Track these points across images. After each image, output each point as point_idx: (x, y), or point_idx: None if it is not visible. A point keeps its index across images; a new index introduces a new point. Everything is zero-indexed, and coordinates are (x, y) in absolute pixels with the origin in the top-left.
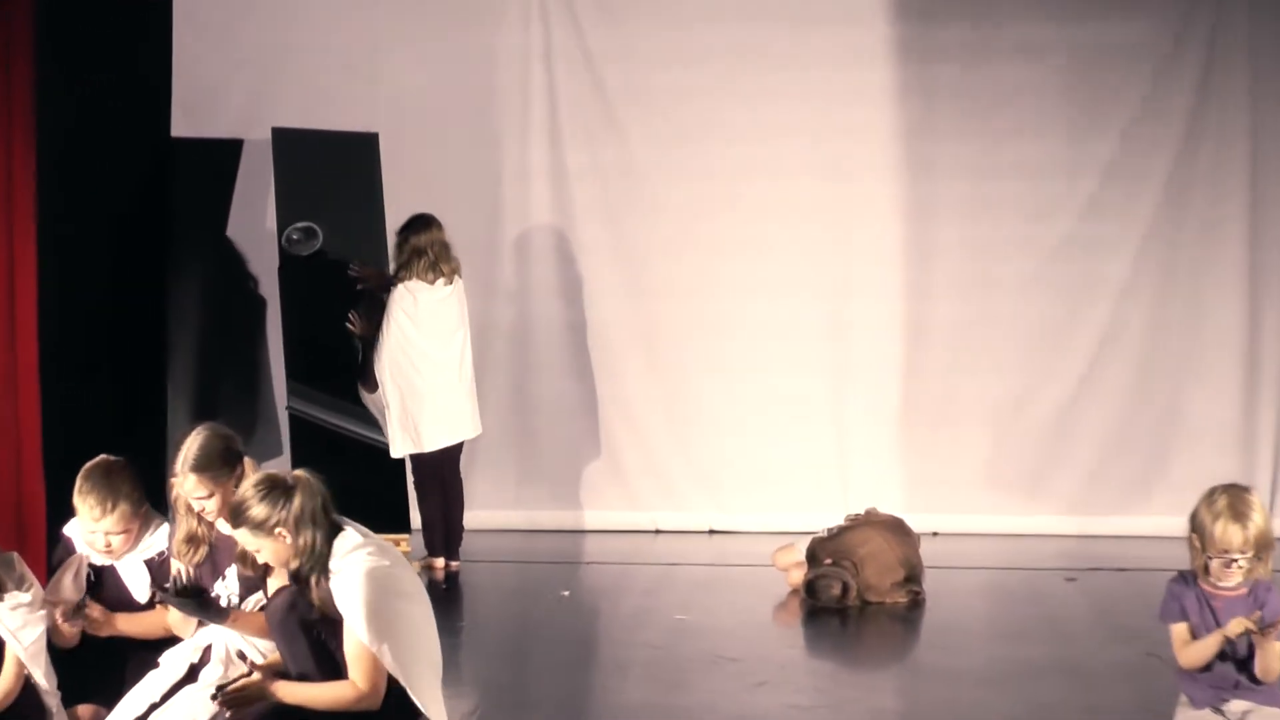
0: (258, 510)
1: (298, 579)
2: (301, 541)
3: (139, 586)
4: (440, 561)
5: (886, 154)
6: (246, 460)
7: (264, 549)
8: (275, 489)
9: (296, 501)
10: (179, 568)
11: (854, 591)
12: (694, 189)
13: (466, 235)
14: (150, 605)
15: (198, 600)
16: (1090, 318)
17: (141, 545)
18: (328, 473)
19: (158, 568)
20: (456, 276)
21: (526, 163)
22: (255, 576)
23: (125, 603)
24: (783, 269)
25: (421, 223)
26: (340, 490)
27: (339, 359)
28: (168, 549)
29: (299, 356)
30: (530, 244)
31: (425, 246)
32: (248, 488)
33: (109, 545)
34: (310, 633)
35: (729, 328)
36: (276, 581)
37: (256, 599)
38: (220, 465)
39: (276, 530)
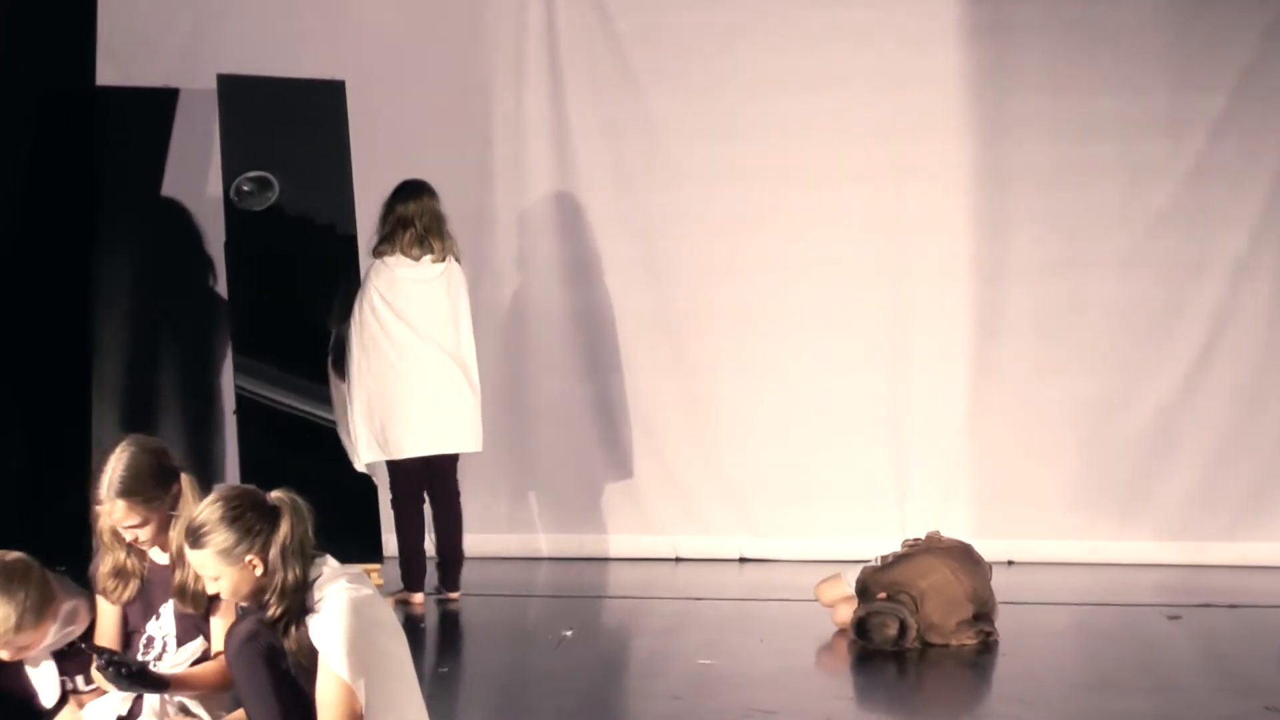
0: (227, 533)
1: (273, 623)
2: (286, 577)
3: (47, 687)
4: (419, 596)
5: (952, 108)
6: (184, 477)
7: (224, 579)
8: (254, 509)
9: (283, 528)
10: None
11: (913, 632)
12: (721, 150)
13: (450, 204)
14: (60, 705)
15: (129, 677)
16: (1198, 303)
17: (51, 636)
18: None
19: (68, 658)
20: (451, 257)
21: (522, 118)
22: (197, 615)
23: (27, 703)
24: (828, 246)
25: (411, 189)
26: None
27: (296, 331)
28: (79, 637)
29: (249, 328)
30: (526, 215)
31: (413, 217)
32: (215, 504)
33: (17, 655)
34: (275, 666)
35: (764, 316)
36: (220, 622)
37: (195, 646)
38: (152, 486)
39: (248, 559)
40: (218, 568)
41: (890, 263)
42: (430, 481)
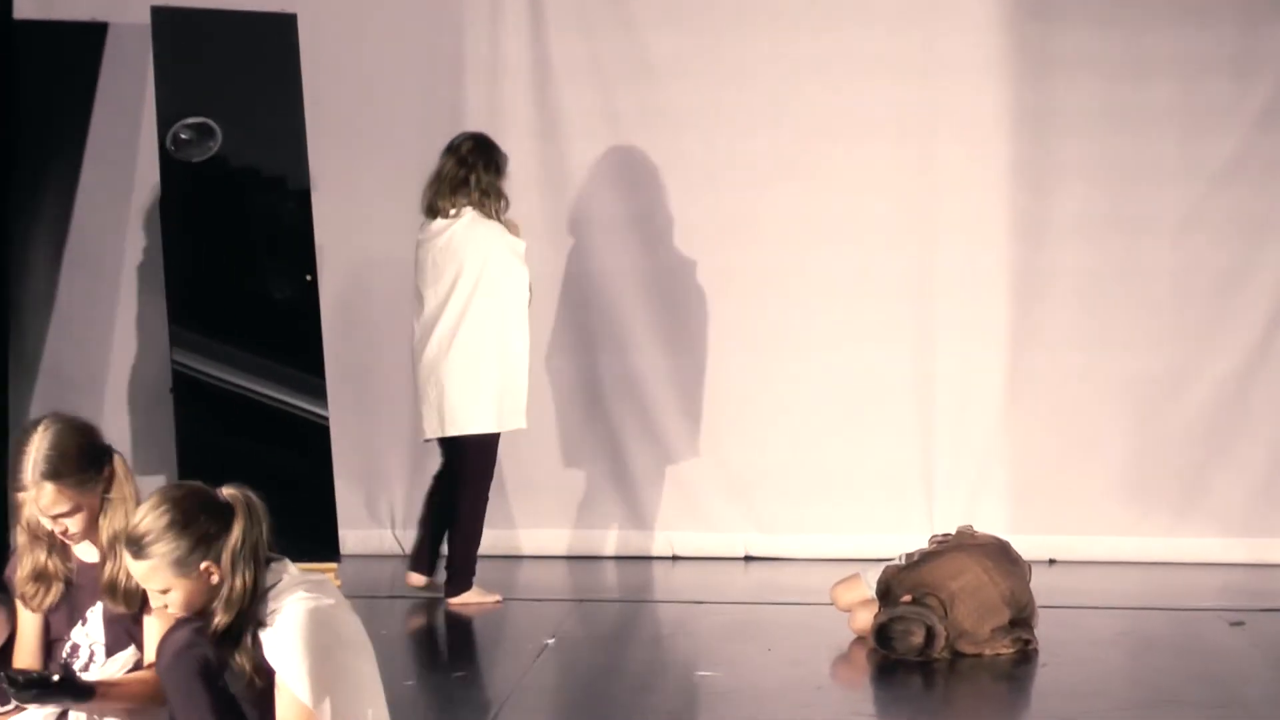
0: (179, 540)
1: (218, 635)
2: (238, 583)
3: None
4: (416, 579)
5: (989, 45)
6: (116, 458)
7: (176, 590)
8: (206, 510)
9: (236, 530)
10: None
11: (942, 640)
12: (725, 94)
13: (414, 155)
14: None
15: (43, 691)
16: (1266, 266)
17: None
18: (230, 478)
19: None
20: (469, 210)
21: (498, 57)
22: (128, 619)
23: None
24: (846, 202)
25: (447, 145)
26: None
27: (241, 299)
28: None
29: (187, 295)
30: None
31: (435, 174)
32: (162, 507)
33: None
34: (212, 680)
35: (773, 283)
36: (155, 623)
37: (127, 656)
38: (83, 467)
39: (203, 566)
40: (169, 579)
41: (917, 221)
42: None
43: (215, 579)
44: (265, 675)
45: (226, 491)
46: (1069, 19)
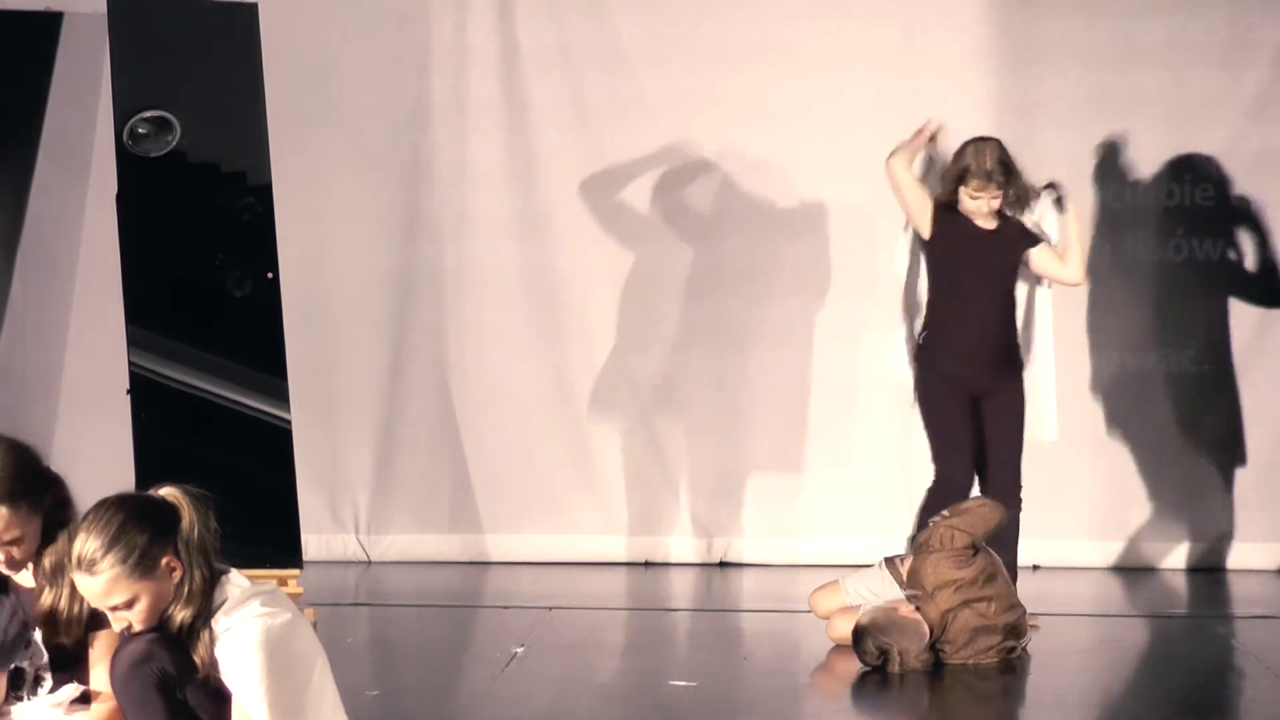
0: (135, 542)
1: (179, 630)
2: (197, 576)
3: None
4: None
5: (972, 32)
6: (61, 482)
7: (142, 596)
8: (149, 510)
9: (186, 519)
10: None
11: (896, 664)
12: (700, 81)
13: (377, 145)
14: None
15: None
16: (1258, 259)
17: None
18: (189, 482)
19: None
20: None
21: (465, 45)
22: (69, 649)
23: None
24: (826, 194)
25: None
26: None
27: (201, 297)
28: None
29: (145, 293)
30: (467, 157)
31: None
32: (102, 517)
33: None
34: (170, 694)
35: (748, 278)
36: (102, 645)
37: (70, 689)
38: (33, 489)
39: (164, 560)
40: (132, 586)
41: (899, 212)
42: None
43: (178, 574)
44: (219, 682)
45: (164, 491)
46: (1054, 6)
